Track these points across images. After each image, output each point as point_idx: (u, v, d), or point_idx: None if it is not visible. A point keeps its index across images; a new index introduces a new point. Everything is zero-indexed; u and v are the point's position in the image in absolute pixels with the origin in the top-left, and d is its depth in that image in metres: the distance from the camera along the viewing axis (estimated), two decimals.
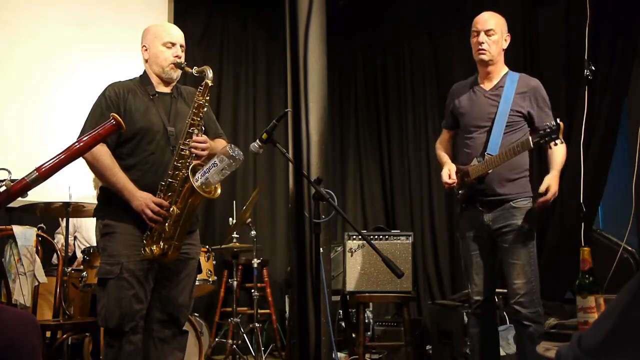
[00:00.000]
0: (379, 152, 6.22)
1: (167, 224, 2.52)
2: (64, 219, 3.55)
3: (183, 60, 2.73)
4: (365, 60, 6.40)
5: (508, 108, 2.92)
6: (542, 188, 2.84)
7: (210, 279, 3.72)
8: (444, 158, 3.18)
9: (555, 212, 4.62)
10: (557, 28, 4.83)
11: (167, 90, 2.76)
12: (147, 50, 2.76)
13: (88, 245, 4.10)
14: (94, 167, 2.57)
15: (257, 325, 4.51)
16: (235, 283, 4.61)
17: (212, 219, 5.54)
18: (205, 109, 2.65)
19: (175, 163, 2.55)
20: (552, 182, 2.84)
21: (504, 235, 2.89)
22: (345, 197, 6.18)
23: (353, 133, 6.35)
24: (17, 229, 3.17)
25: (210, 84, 2.63)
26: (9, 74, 4.74)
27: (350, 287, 3.96)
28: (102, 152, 2.53)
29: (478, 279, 2.97)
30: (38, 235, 3.26)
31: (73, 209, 3.48)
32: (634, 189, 3.96)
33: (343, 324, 4.64)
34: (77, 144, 1.92)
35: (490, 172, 2.89)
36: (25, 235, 3.17)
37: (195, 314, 4.28)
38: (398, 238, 4.03)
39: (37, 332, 1.74)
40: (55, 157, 1.85)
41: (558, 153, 2.89)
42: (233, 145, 2.43)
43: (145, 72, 2.77)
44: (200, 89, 2.63)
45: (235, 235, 4.66)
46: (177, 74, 2.75)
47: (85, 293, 3.63)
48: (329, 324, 3.57)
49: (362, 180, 6.26)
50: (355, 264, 3.98)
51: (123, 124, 2.04)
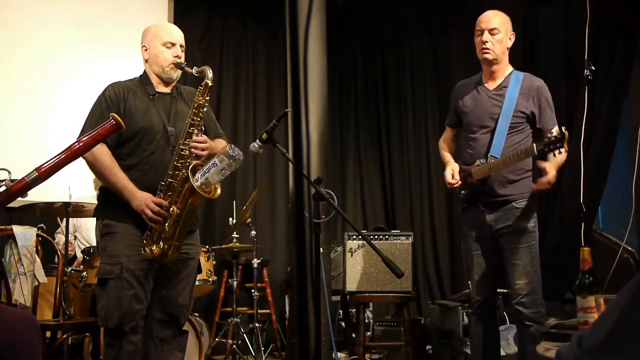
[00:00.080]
0: (379, 152, 6.22)
1: (167, 224, 2.52)
2: (64, 219, 3.55)
3: (183, 60, 2.73)
4: (365, 60, 6.40)
5: (511, 109, 2.89)
6: (541, 165, 2.77)
7: (210, 279, 3.72)
8: (447, 157, 3.15)
9: (555, 212, 4.62)
10: (557, 28, 4.84)
11: (167, 90, 2.76)
12: (147, 50, 2.76)
13: (88, 245, 4.11)
14: (94, 167, 2.57)
15: (257, 325, 4.51)
16: (235, 283, 4.61)
17: (212, 219, 5.53)
18: (205, 109, 2.65)
19: (175, 163, 2.55)
20: (550, 167, 2.77)
21: (506, 236, 2.89)
22: (345, 197, 6.18)
23: (353, 133, 6.35)
24: (17, 229, 3.17)
25: (210, 84, 2.63)
26: (9, 74, 4.73)
27: (350, 287, 3.96)
28: (102, 152, 2.53)
29: (479, 279, 2.97)
30: (38, 235, 3.26)
31: (73, 209, 3.48)
32: (634, 189, 3.97)
33: (343, 324, 4.64)
34: (76, 144, 1.92)
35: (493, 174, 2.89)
36: (25, 235, 3.17)
37: (195, 314, 4.28)
38: (398, 238, 4.03)
39: (37, 332, 1.74)
40: (55, 157, 1.85)
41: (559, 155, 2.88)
42: (233, 145, 2.43)
43: (145, 72, 2.77)
44: (200, 89, 2.63)
45: (235, 235, 4.65)
46: (177, 74, 2.75)
47: (85, 293, 3.63)
48: (329, 324, 3.57)
49: (362, 180, 6.26)
50: (355, 264, 3.98)
51: (123, 124, 2.03)
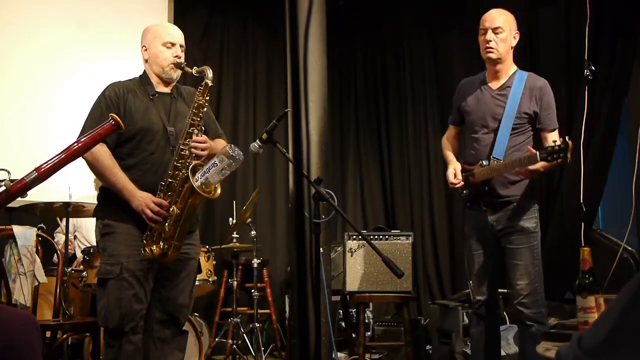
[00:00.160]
0: (379, 152, 6.22)
1: (167, 224, 2.52)
2: (64, 219, 3.55)
3: (183, 60, 2.73)
4: (365, 60, 6.40)
5: (514, 110, 2.88)
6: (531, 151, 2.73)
7: (210, 279, 3.72)
8: (450, 156, 3.14)
9: (555, 212, 4.62)
10: (557, 28, 4.83)
11: (167, 90, 2.76)
12: (147, 50, 2.76)
13: (88, 245, 4.11)
14: (94, 167, 2.57)
15: (257, 325, 4.51)
16: (235, 283, 4.61)
17: (212, 219, 5.53)
18: (205, 109, 2.65)
19: (175, 163, 2.55)
20: (536, 169, 2.73)
21: (508, 236, 2.88)
22: (345, 197, 6.17)
23: (353, 133, 6.35)
24: (17, 229, 3.17)
25: (210, 84, 2.63)
26: (9, 74, 4.73)
27: (350, 287, 3.96)
28: (102, 152, 2.53)
29: (481, 279, 2.96)
30: (38, 235, 3.26)
31: (73, 209, 3.48)
32: (634, 189, 3.97)
33: (343, 324, 4.64)
34: (76, 145, 1.91)
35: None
36: (25, 235, 3.17)
37: (195, 314, 4.28)
38: (398, 238, 4.03)
39: (37, 332, 1.74)
40: (55, 157, 1.84)
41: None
42: (233, 145, 2.43)
43: (145, 72, 2.77)
44: (200, 89, 2.63)
45: (235, 235, 4.65)
46: (177, 74, 2.75)
47: (85, 293, 3.63)
48: (329, 324, 3.57)
49: (362, 180, 6.26)
50: (355, 264, 3.98)
51: (122, 124, 2.03)
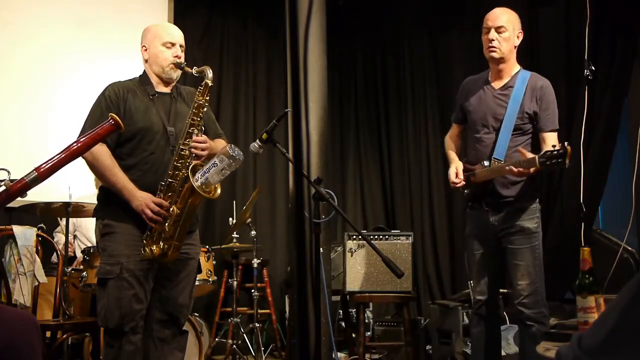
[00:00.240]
0: (379, 152, 6.22)
1: (167, 224, 2.52)
2: (64, 219, 3.55)
3: (183, 60, 2.73)
4: (365, 60, 6.40)
5: (516, 110, 2.88)
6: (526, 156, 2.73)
7: (210, 279, 3.72)
8: (452, 156, 3.14)
9: (555, 212, 4.62)
10: (557, 28, 4.83)
11: (166, 90, 2.76)
12: (146, 50, 2.76)
13: (89, 244, 4.11)
14: (94, 167, 2.57)
15: (257, 325, 4.51)
16: (235, 283, 4.60)
17: (212, 219, 5.53)
18: (205, 109, 2.65)
19: (175, 163, 2.55)
20: (528, 171, 2.72)
21: (509, 236, 2.88)
22: (345, 197, 6.17)
23: (353, 133, 6.34)
24: (17, 229, 3.17)
25: (210, 84, 2.63)
26: (9, 74, 4.73)
27: (350, 287, 3.96)
28: (102, 152, 2.53)
29: (482, 279, 2.96)
30: (38, 235, 3.26)
31: (73, 209, 3.48)
32: (634, 189, 3.97)
33: (343, 324, 4.64)
34: (75, 144, 1.91)
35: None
36: (25, 235, 3.17)
37: (195, 314, 4.28)
38: (398, 238, 4.03)
39: (37, 332, 1.74)
40: (55, 157, 1.84)
41: None
42: (233, 145, 2.43)
43: (145, 72, 2.77)
44: (200, 89, 2.63)
45: (235, 235, 4.65)
46: (176, 74, 2.75)
47: (85, 293, 3.62)
48: (329, 324, 3.57)
49: (362, 180, 6.26)
50: (355, 264, 3.98)
51: (122, 124, 2.03)
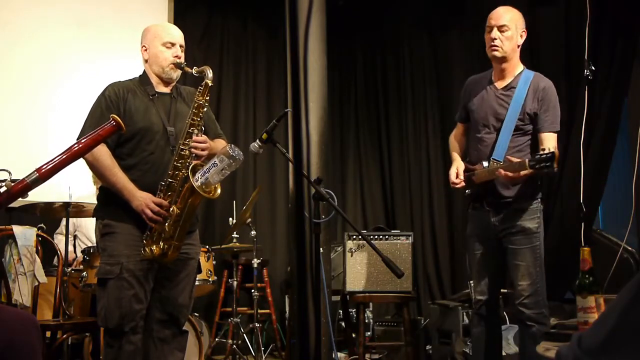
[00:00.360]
0: (379, 152, 6.22)
1: (167, 224, 2.52)
2: (64, 219, 3.55)
3: (183, 60, 2.73)
4: (365, 60, 6.39)
5: (517, 111, 2.87)
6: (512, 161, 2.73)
7: (210, 279, 3.72)
8: (454, 156, 3.13)
9: (555, 212, 4.62)
10: (557, 28, 4.83)
11: (166, 91, 2.76)
12: (146, 50, 2.76)
13: (89, 244, 4.11)
14: (94, 167, 2.57)
15: (257, 325, 4.51)
16: (235, 283, 4.60)
17: (212, 219, 5.53)
18: (205, 109, 2.65)
19: (175, 163, 2.55)
20: (519, 175, 2.71)
21: (510, 237, 2.88)
22: (345, 197, 6.17)
23: (353, 133, 6.34)
24: (17, 229, 3.17)
25: (210, 84, 2.63)
26: (9, 74, 4.73)
27: (350, 287, 3.96)
28: (102, 152, 2.53)
29: (482, 279, 2.96)
30: (38, 235, 3.26)
31: (73, 209, 3.48)
32: (634, 189, 3.97)
33: (343, 324, 4.64)
34: (77, 145, 1.92)
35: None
36: (25, 235, 3.17)
37: (195, 314, 4.28)
38: (398, 238, 4.03)
39: (37, 332, 1.74)
40: (56, 158, 1.85)
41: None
42: (233, 145, 2.43)
43: (145, 72, 2.77)
44: (200, 89, 2.63)
45: (235, 235, 4.65)
46: (176, 74, 2.75)
47: (85, 293, 3.62)
48: (329, 324, 3.57)
49: (362, 180, 6.26)
50: (355, 264, 3.98)
51: (123, 125, 2.03)
